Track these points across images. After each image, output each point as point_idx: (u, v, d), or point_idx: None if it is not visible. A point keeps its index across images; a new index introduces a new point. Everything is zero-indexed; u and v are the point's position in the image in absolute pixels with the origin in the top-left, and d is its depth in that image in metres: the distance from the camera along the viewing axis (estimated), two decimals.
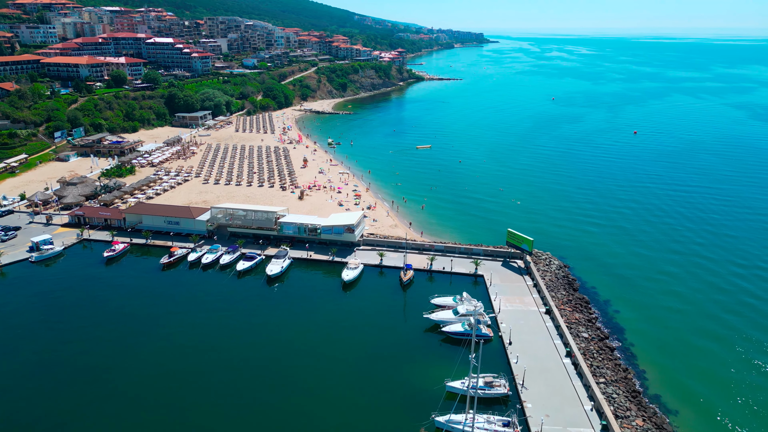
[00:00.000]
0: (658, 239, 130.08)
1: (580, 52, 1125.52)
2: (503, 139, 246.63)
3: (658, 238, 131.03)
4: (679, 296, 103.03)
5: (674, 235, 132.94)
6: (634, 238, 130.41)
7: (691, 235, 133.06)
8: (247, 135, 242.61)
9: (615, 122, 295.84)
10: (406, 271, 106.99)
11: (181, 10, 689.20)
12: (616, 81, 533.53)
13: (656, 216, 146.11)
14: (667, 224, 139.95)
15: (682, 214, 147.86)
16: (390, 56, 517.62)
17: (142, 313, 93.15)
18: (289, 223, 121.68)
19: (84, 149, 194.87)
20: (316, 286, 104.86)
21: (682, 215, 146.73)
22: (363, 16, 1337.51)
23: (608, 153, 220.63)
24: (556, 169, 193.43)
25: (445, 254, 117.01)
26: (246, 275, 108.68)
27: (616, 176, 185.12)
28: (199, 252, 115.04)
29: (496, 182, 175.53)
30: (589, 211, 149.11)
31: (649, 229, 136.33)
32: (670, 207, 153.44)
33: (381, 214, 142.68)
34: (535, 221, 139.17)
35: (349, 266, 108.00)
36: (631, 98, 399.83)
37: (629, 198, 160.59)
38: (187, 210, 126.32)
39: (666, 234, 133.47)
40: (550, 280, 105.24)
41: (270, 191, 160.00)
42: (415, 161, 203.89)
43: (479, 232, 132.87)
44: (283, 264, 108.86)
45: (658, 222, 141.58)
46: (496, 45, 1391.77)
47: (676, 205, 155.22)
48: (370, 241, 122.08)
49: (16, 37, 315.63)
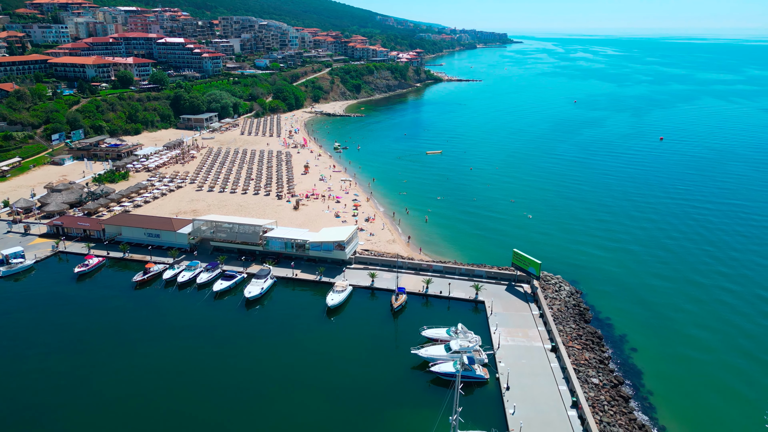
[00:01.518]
0: (681, 264, 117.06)
1: (606, 52, 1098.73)
2: (519, 145, 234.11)
3: (683, 262, 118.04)
4: (705, 333, 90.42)
5: (699, 259, 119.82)
6: (657, 262, 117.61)
7: (715, 263, 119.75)
8: (253, 138, 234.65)
9: (640, 127, 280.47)
10: (397, 296, 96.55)
11: (201, 11, 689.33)
12: (642, 83, 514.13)
13: (680, 237, 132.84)
14: (691, 248, 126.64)
15: (705, 237, 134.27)
16: (408, 57, 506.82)
17: (103, 340, 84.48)
18: (275, 237, 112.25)
19: (80, 152, 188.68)
20: (299, 310, 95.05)
21: (706, 238, 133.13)
22: (385, 17, 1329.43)
23: (631, 162, 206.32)
24: (573, 179, 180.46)
25: (443, 275, 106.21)
26: (224, 296, 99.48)
27: (639, 188, 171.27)
28: (176, 269, 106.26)
29: (508, 193, 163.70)
30: (608, 228, 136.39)
31: (672, 252, 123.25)
32: (695, 227, 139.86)
33: (379, 227, 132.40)
34: (546, 238, 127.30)
35: (335, 289, 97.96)
36: (658, 101, 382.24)
37: (653, 215, 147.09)
38: (168, 222, 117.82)
39: (691, 258, 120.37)
40: (559, 309, 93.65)
41: (264, 200, 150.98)
42: (423, 168, 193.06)
43: (484, 249, 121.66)
44: (264, 285, 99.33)
45: (683, 244, 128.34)
46: (519, 45, 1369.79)
47: (698, 226, 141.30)
48: (363, 259, 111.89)
49: (28, 36, 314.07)
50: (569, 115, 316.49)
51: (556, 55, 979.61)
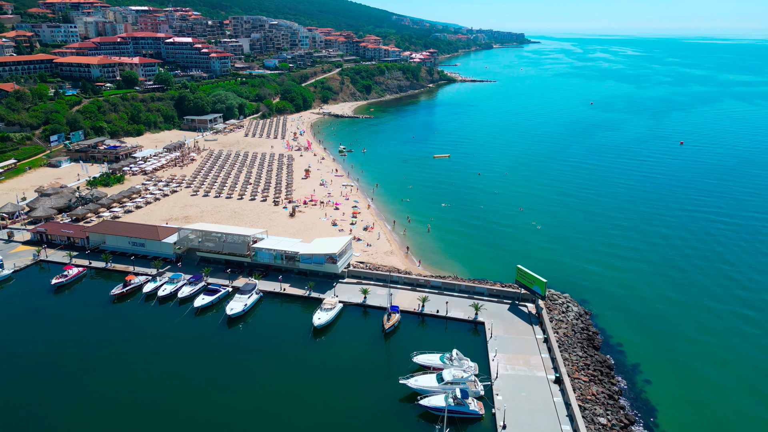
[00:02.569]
0: (697, 287, 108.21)
1: (626, 53, 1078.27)
2: (531, 149, 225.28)
3: (699, 284, 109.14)
4: (724, 370, 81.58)
5: (715, 281, 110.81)
6: (676, 282, 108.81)
7: (733, 285, 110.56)
8: (256, 140, 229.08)
9: (658, 131, 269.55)
10: (390, 315, 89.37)
11: (216, 10, 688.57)
12: (662, 84, 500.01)
13: (702, 253, 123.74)
14: (707, 267, 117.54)
15: (721, 255, 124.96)
16: (421, 57, 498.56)
17: (71, 361, 78.67)
18: (264, 248, 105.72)
19: (78, 154, 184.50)
20: (283, 330, 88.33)
21: (722, 257, 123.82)
22: (401, 16, 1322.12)
23: (649, 168, 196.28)
24: (586, 186, 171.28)
25: (441, 292, 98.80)
26: (206, 312, 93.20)
27: (657, 197, 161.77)
28: (158, 282, 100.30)
29: (516, 200, 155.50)
30: (621, 241, 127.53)
31: (686, 272, 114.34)
32: (721, 241, 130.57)
33: (377, 236, 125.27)
34: (554, 253, 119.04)
35: (323, 307, 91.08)
36: (678, 103, 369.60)
37: (671, 228, 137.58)
38: (153, 230, 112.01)
39: (706, 280, 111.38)
40: (565, 334, 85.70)
41: (260, 206, 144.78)
42: (429, 173, 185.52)
43: (488, 263, 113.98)
44: (248, 301, 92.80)
45: (697, 263, 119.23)
46: (537, 45, 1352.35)
47: (725, 239, 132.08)
48: (357, 273, 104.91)
49: (37, 36, 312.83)
50: (584, 118, 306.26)
51: (574, 56, 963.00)
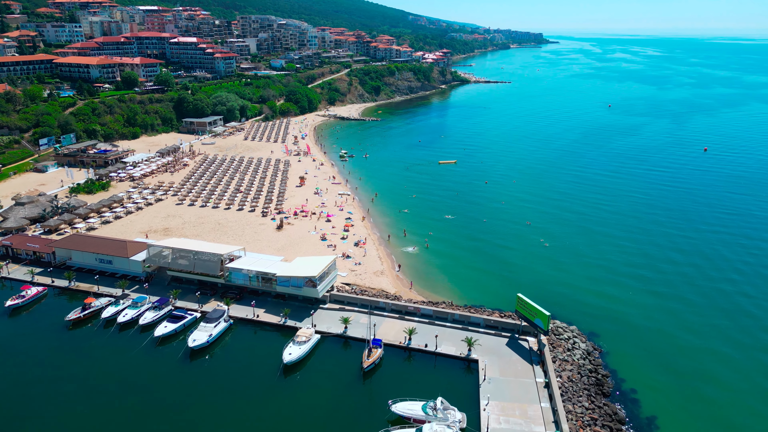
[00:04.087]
0: (723, 318, 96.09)
1: (646, 53, 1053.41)
2: (543, 155, 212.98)
3: (725, 315, 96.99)
4: (758, 423, 69.99)
5: (742, 308, 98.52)
6: (704, 314, 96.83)
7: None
8: (256, 144, 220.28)
9: (680, 135, 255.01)
10: (371, 350, 79.00)
11: (230, 10, 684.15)
12: (684, 86, 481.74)
13: (726, 278, 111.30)
14: (734, 294, 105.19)
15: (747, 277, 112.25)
16: (434, 57, 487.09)
17: (10, 399, 69.80)
18: (238, 269, 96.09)
19: (67, 159, 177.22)
20: (251, 366, 78.40)
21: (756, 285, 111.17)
22: (418, 16, 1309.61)
23: (671, 178, 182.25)
24: (602, 198, 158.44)
25: (432, 322, 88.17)
26: (168, 342, 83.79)
27: (681, 213, 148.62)
28: (120, 305, 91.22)
29: (524, 213, 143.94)
30: (638, 264, 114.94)
31: (716, 301, 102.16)
32: (745, 264, 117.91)
33: (369, 253, 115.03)
34: (563, 274, 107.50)
35: (296, 339, 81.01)
36: (701, 106, 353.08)
37: (698, 250, 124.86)
38: (122, 246, 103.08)
39: (733, 308, 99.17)
40: (570, 378, 74.48)
41: (247, 217, 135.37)
42: (432, 180, 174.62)
43: (487, 286, 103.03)
44: (213, 331, 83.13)
45: (731, 287, 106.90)
46: (555, 46, 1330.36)
47: (749, 264, 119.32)
48: (340, 298, 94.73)
49: (41, 36, 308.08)
50: (602, 121, 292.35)
51: (593, 56, 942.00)
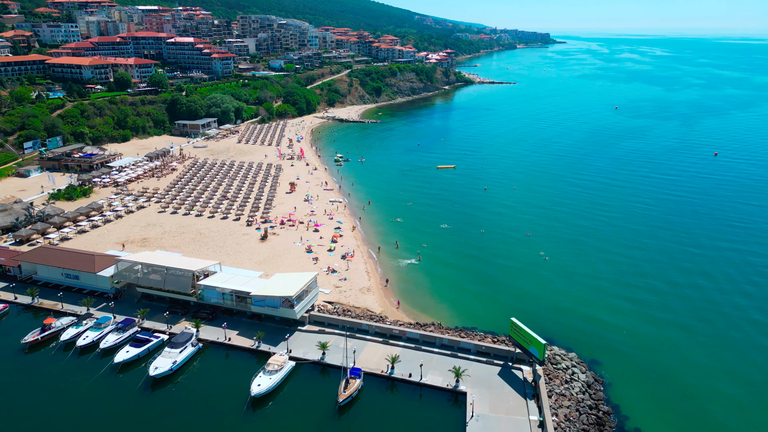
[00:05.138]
0: (737, 346, 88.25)
1: (654, 53, 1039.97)
2: (546, 160, 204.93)
3: (740, 340, 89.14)
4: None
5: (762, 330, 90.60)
6: (704, 344, 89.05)
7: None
8: (249, 147, 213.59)
9: (690, 139, 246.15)
10: (349, 381, 71.86)
11: (234, 10, 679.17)
12: (693, 87, 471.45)
13: (737, 298, 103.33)
14: (753, 313, 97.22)
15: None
16: (438, 57, 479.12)
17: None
18: (210, 286, 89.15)
19: (51, 163, 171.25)
20: (217, 397, 71.38)
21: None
22: (423, 16, 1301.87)
23: (680, 186, 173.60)
24: (607, 207, 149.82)
25: (419, 347, 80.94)
26: (128, 369, 76.97)
27: (691, 226, 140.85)
28: (83, 326, 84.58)
29: (523, 222, 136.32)
30: (645, 283, 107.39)
31: (737, 327, 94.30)
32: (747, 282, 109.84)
33: (357, 267, 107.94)
34: (562, 293, 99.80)
35: (267, 368, 73.93)
36: (711, 108, 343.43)
37: (713, 269, 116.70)
38: (89, 260, 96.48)
39: (754, 331, 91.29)
40: (568, 416, 66.99)
41: (231, 226, 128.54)
42: (429, 186, 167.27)
43: (481, 305, 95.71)
44: (179, 357, 76.25)
45: (742, 310, 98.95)
46: (562, 46, 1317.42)
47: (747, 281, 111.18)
48: (320, 319, 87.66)
49: (36, 36, 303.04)
50: (608, 124, 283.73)
51: (600, 56, 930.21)
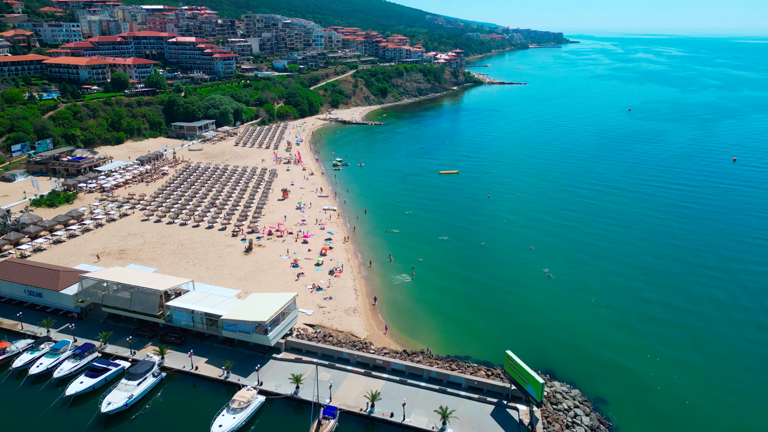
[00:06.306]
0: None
1: (670, 53, 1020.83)
2: (553, 166, 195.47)
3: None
4: None
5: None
6: (726, 377, 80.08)
7: None
8: (246, 150, 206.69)
9: (706, 143, 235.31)
10: (321, 422, 64.14)
11: (243, 9, 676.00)
12: (710, 88, 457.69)
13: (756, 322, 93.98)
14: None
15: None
16: (446, 57, 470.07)
17: None
18: (179, 308, 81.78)
19: (39, 166, 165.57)
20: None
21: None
22: (435, 16, 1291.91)
23: (696, 194, 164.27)
24: (618, 219, 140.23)
25: (404, 380, 72.96)
26: (81, 402, 69.80)
27: (717, 241, 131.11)
28: (39, 351, 77.64)
29: (527, 234, 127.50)
30: (663, 307, 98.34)
31: (746, 359, 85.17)
32: None
33: (345, 284, 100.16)
34: (566, 319, 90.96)
35: (232, 405, 66.37)
36: (729, 110, 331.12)
37: (733, 293, 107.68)
38: (53, 276, 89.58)
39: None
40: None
41: (215, 237, 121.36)
42: (430, 194, 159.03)
43: (475, 331, 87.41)
44: (136, 391, 68.93)
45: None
46: (575, 45, 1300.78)
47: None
48: (298, 345, 79.95)
49: (36, 35, 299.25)
50: (620, 127, 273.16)
51: (614, 56, 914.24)
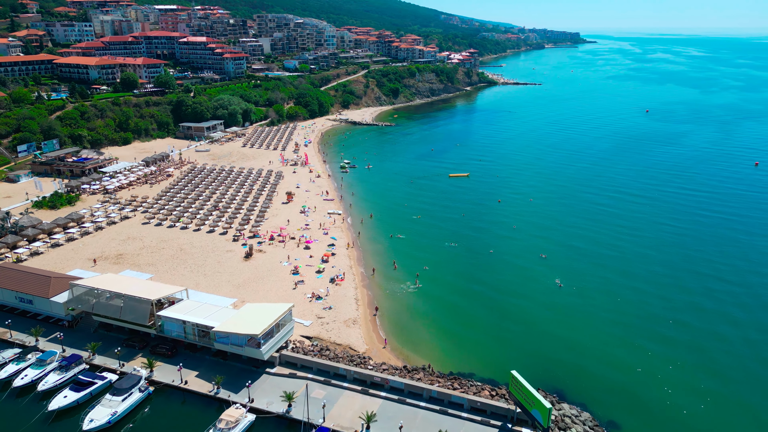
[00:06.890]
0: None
1: (689, 53, 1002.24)
2: (568, 168, 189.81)
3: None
4: None
5: None
6: (748, 406, 74.80)
7: None
8: (254, 152, 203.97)
9: (727, 146, 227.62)
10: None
11: (257, 9, 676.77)
12: (731, 89, 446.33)
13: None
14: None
15: None
16: (460, 57, 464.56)
17: None
18: (171, 318, 78.55)
19: (44, 167, 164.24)
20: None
21: None
22: (450, 15, 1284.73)
23: (716, 200, 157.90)
24: (634, 228, 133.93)
25: (402, 399, 68.92)
26: (65, 417, 66.83)
27: (738, 253, 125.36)
28: (24, 362, 74.91)
29: (538, 242, 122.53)
30: (681, 324, 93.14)
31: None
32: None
33: (345, 294, 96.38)
34: (577, 337, 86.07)
35: (219, 425, 62.83)
36: (751, 112, 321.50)
37: (752, 310, 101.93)
38: (44, 283, 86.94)
39: None
40: None
41: (216, 241, 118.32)
42: (439, 197, 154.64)
43: (482, 345, 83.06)
44: (120, 407, 65.76)
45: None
46: (592, 45, 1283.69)
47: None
48: (293, 359, 76.28)
49: (49, 35, 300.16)
50: (638, 129, 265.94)
51: (632, 56, 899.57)
